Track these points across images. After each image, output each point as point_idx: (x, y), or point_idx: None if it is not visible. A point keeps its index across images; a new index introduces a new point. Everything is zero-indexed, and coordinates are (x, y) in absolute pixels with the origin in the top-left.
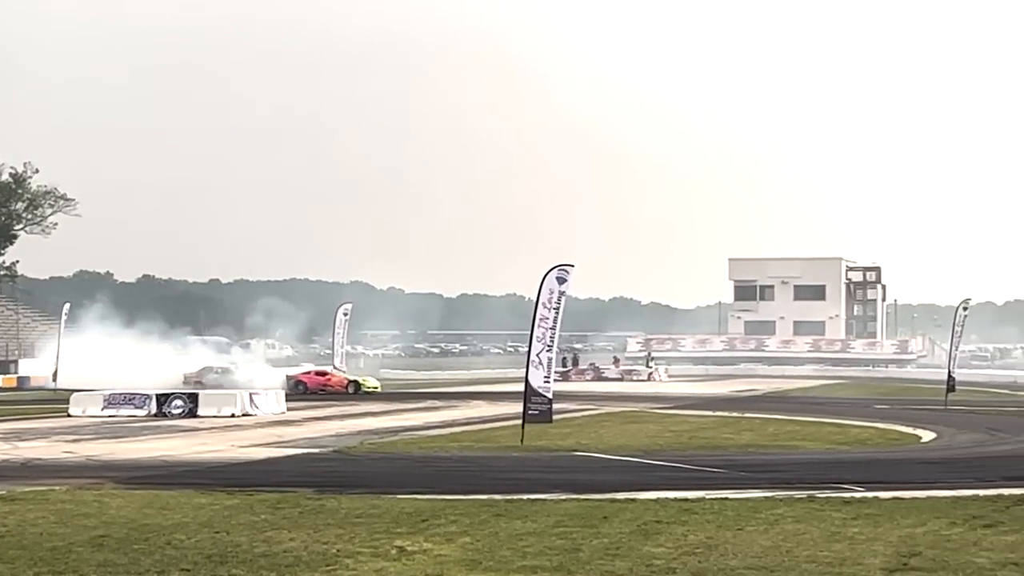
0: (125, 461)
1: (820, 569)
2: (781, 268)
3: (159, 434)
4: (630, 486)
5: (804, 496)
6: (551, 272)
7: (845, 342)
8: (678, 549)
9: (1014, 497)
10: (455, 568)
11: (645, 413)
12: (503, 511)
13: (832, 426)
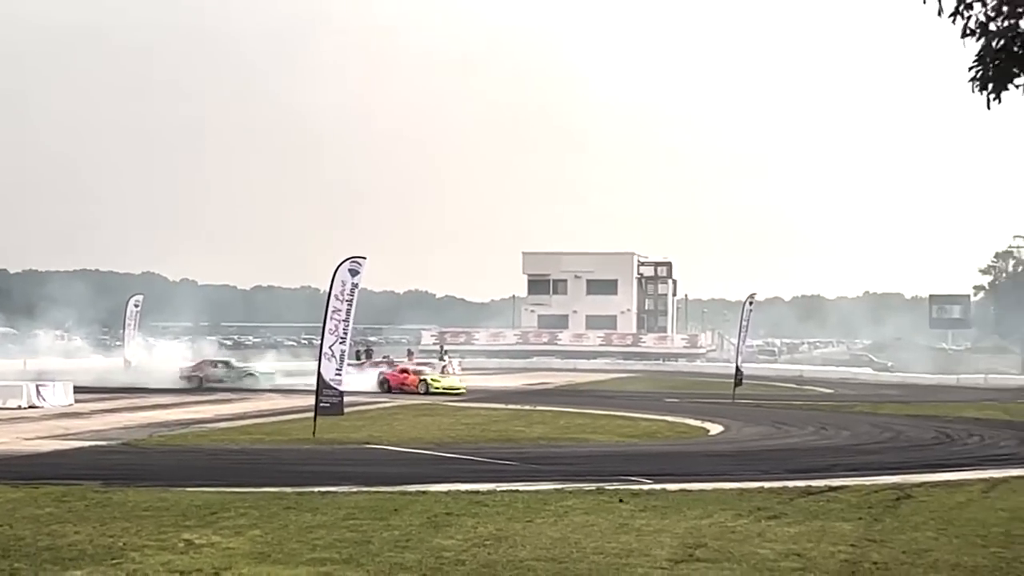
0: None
1: (608, 560)
2: (574, 262)
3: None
4: (421, 478)
5: (593, 488)
6: (343, 264)
7: (636, 336)
8: (468, 541)
9: (798, 489)
10: (243, 561)
11: (437, 406)
12: (293, 504)
13: (622, 419)
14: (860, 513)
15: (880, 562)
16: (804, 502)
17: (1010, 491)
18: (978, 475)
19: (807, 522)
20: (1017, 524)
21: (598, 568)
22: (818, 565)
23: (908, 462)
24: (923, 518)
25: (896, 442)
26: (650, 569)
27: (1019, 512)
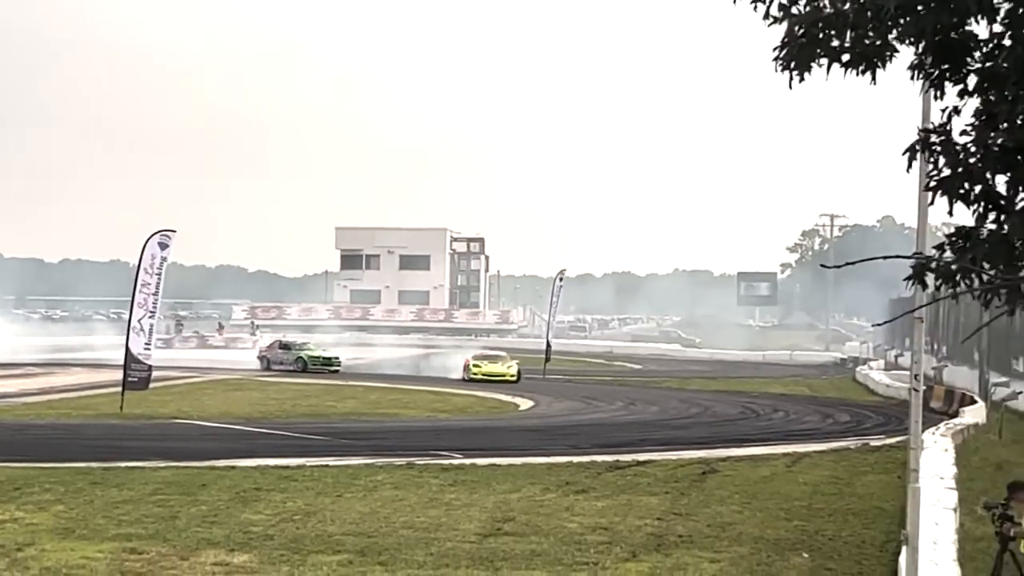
0: None
1: (417, 535)
2: (387, 238)
3: None
4: (231, 453)
5: (403, 463)
6: (153, 238)
7: (449, 311)
8: (276, 516)
9: (606, 464)
10: (47, 537)
11: (248, 381)
12: (99, 479)
13: (433, 394)
14: (667, 487)
15: (685, 535)
16: (612, 476)
17: (812, 465)
18: (782, 449)
19: (614, 496)
20: (819, 497)
21: (407, 542)
22: (624, 538)
23: (714, 437)
24: (728, 492)
25: (703, 417)
26: (459, 543)
27: (821, 486)
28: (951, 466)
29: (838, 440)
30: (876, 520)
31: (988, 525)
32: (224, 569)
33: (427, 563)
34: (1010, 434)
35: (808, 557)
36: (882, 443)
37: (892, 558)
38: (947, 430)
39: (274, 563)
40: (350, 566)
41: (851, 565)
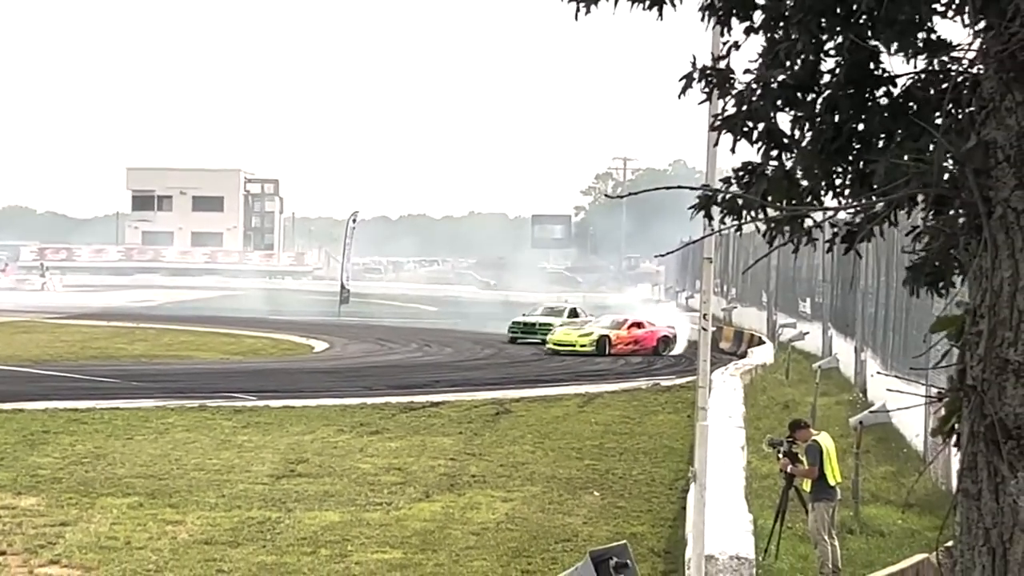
0: None
1: (208, 476)
2: (180, 178)
3: None
4: (17, 396)
5: (196, 405)
6: None
7: (243, 254)
8: (65, 459)
9: (400, 405)
10: None
11: (36, 323)
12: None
13: (227, 336)
14: (460, 428)
15: (478, 475)
16: (406, 417)
17: (604, 405)
18: (575, 390)
19: (408, 437)
20: (610, 437)
21: (198, 484)
22: (418, 479)
23: (508, 378)
24: (521, 432)
25: (497, 359)
26: (251, 485)
27: (612, 426)
28: (739, 405)
29: (630, 380)
30: (666, 459)
31: (774, 463)
32: (10, 512)
33: (219, 505)
34: (796, 374)
35: (599, 496)
36: (672, 383)
37: (681, 496)
38: (736, 370)
39: (62, 506)
40: (140, 508)
41: (641, 503)
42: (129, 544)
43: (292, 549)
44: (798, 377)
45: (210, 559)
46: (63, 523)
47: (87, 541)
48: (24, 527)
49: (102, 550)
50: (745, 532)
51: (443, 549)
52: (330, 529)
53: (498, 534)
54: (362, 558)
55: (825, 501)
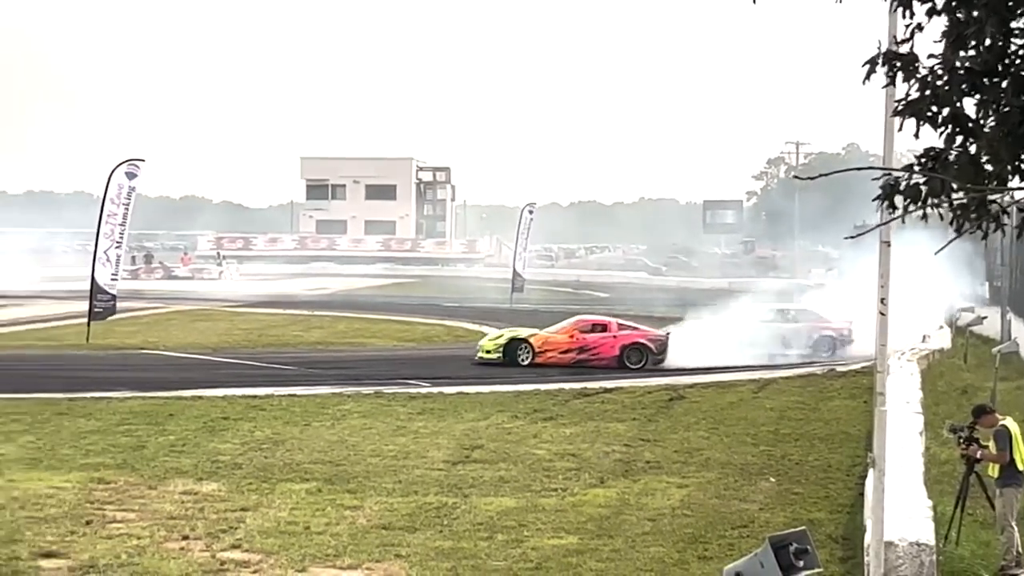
0: None
1: (385, 462)
2: (353, 167)
3: None
4: (197, 384)
5: (371, 392)
6: (120, 167)
7: (415, 241)
8: (244, 445)
9: (573, 391)
10: (15, 467)
11: (214, 311)
12: (66, 409)
13: (400, 324)
14: (634, 414)
15: (653, 461)
16: (579, 404)
17: (779, 391)
18: (748, 376)
19: (582, 423)
20: (785, 423)
21: (375, 470)
22: (592, 465)
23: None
24: (695, 418)
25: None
26: (427, 470)
27: (787, 411)
28: (917, 390)
29: (805, 366)
30: (842, 445)
31: (954, 448)
32: (193, 498)
33: (396, 490)
34: (975, 359)
35: (775, 481)
36: (848, 368)
37: (859, 482)
38: (913, 355)
39: (242, 491)
40: (319, 494)
41: (817, 489)
42: (308, 529)
43: (468, 534)
44: (976, 362)
45: (388, 544)
46: (243, 508)
47: (267, 526)
48: (206, 512)
49: (282, 535)
50: (925, 518)
51: (619, 535)
52: (506, 514)
53: (674, 520)
54: (538, 543)
55: (1014, 486)
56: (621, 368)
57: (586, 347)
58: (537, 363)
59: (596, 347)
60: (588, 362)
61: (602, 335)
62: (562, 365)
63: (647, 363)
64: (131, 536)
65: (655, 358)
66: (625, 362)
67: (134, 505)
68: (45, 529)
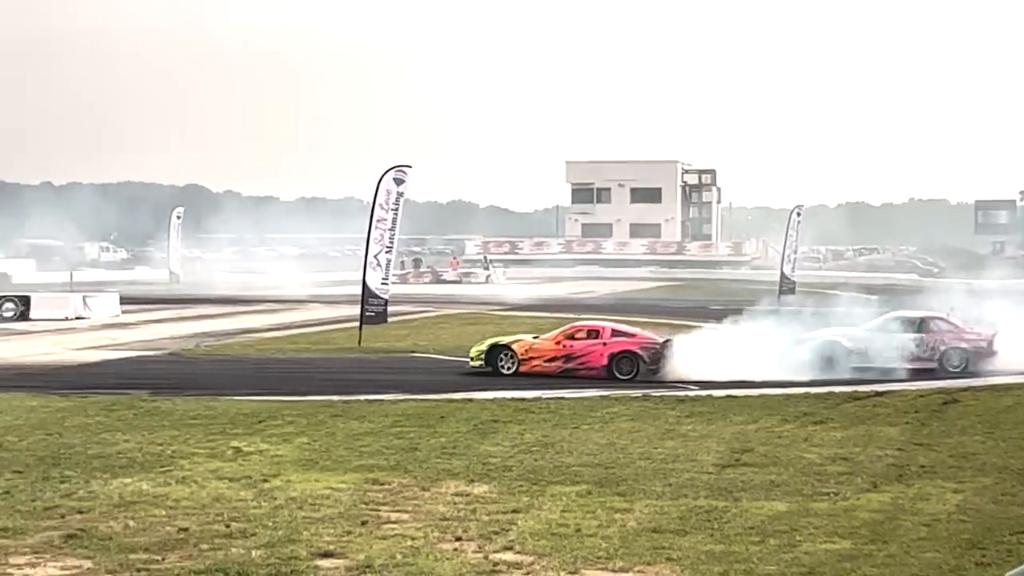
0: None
1: (654, 466)
2: (618, 171)
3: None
4: (467, 386)
5: (639, 395)
6: (388, 173)
7: (681, 244)
8: (514, 448)
9: (844, 395)
10: (292, 468)
11: (483, 315)
12: (340, 411)
13: (667, 327)
14: (906, 418)
15: (927, 465)
16: (850, 407)
17: None
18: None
19: (853, 427)
20: None
21: (644, 473)
22: (865, 469)
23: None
24: (970, 422)
25: None
26: (696, 474)
27: None
28: None
29: None
30: None
31: None
32: (465, 499)
33: (665, 493)
34: None
35: None
36: None
37: None
38: None
39: (513, 493)
40: (589, 496)
41: None
42: (579, 531)
43: (739, 538)
44: None
45: (658, 547)
46: (515, 510)
47: (538, 528)
48: (478, 514)
49: (553, 537)
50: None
51: (893, 540)
52: (777, 519)
53: (950, 525)
54: (811, 548)
55: None
56: (611, 378)
57: (573, 355)
58: (521, 372)
59: (584, 355)
60: (575, 371)
61: (591, 342)
62: (547, 374)
63: (638, 373)
64: (405, 537)
65: (648, 368)
66: (615, 372)
67: (408, 506)
68: (322, 529)
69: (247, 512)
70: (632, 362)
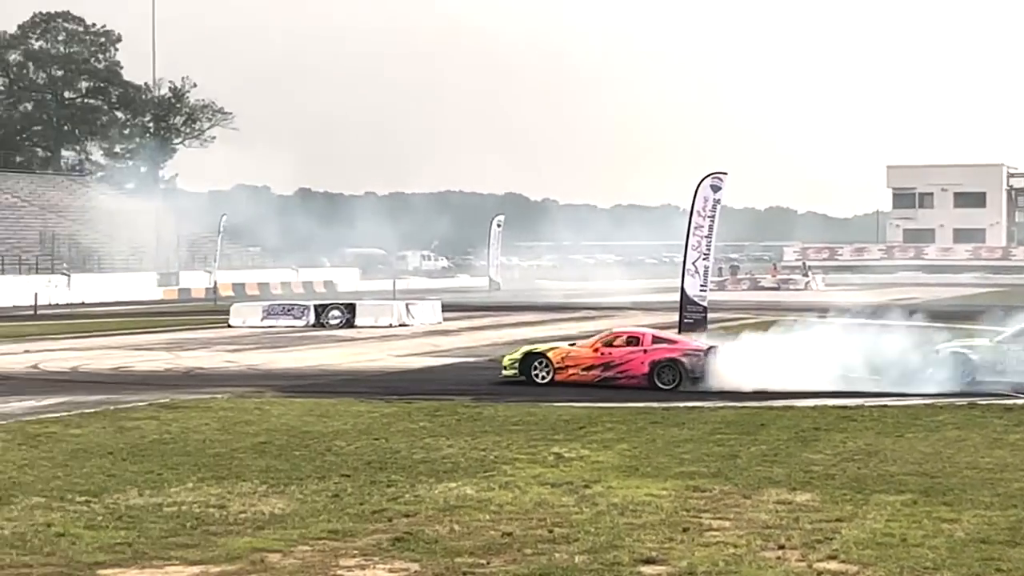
0: (285, 370)
1: (981, 476)
2: (941, 175)
3: (317, 344)
4: (788, 394)
5: (965, 403)
6: (705, 180)
7: (1006, 249)
8: (837, 456)
9: None
10: (612, 474)
11: (803, 321)
12: (660, 418)
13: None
14: None
15: None
16: None
17: None
18: None
19: None
20: None
21: (971, 483)
22: None
23: None
24: None
25: None
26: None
27: None
28: None
29: None
30: None
31: None
32: (787, 507)
33: (994, 504)
34: None
35: None
36: None
37: None
38: None
39: (836, 502)
40: (914, 506)
41: None
42: (905, 541)
43: None
44: None
45: (988, 558)
46: (838, 519)
47: (863, 537)
48: (800, 522)
49: (878, 547)
50: None
51: None
52: None
53: None
54: None
55: None
56: (652, 388)
57: (612, 363)
58: (557, 381)
59: (623, 363)
60: (615, 380)
61: (631, 350)
62: (585, 383)
63: (682, 382)
64: (727, 544)
65: (692, 377)
66: (656, 381)
67: (729, 514)
68: (644, 536)
69: (569, 517)
70: (674, 371)
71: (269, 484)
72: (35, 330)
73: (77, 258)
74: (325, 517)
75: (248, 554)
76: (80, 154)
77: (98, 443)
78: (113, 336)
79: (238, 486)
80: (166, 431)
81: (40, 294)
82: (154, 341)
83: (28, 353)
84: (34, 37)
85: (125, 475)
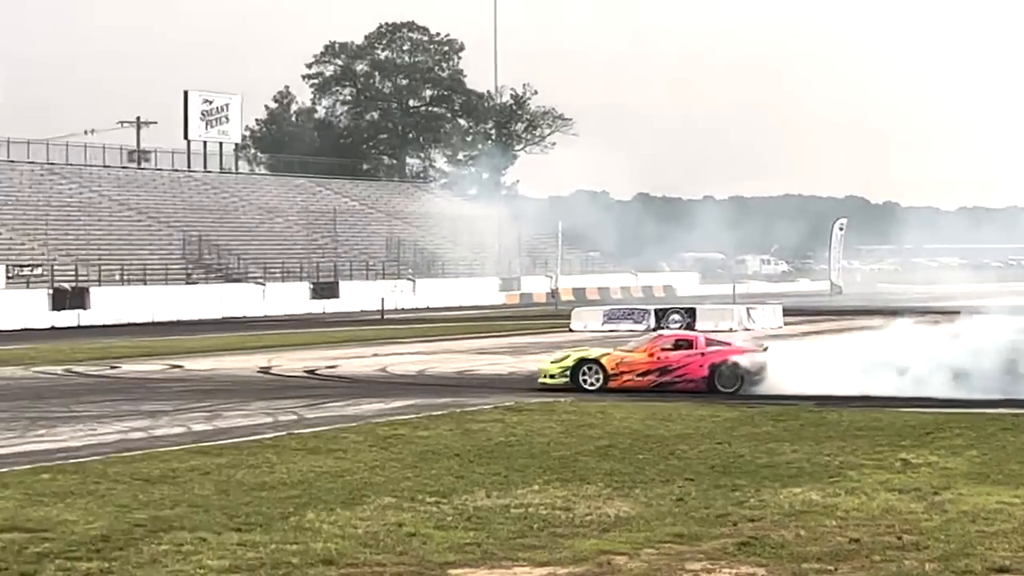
0: None
1: None
2: None
3: None
4: None
5: None
6: None
7: None
8: None
9: None
10: (962, 481)
11: None
12: (1010, 425)
13: None
14: None
15: None
16: None
17: None
18: None
19: None
20: None
21: None
22: None
23: None
24: None
25: None
26: None
27: None
28: None
29: None
30: None
31: None
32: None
33: None
34: None
35: None
36: None
37: None
38: None
39: None
40: None
41: None
42: None
43: None
44: None
45: None
46: None
47: None
48: None
49: None
50: None
51: None
52: None
53: None
54: None
55: None
56: (711, 391)
57: (669, 367)
58: (611, 387)
59: (681, 367)
60: (672, 385)
61: (687, 352)
62: (640, 389)
63: (743, 385)
64: None
65: (752, 379)
66: (716, 384)
67: None
68: (996, 544)
69: (918, 524)
70: (735, 373)
71: (614, 487)
72: (383, 334)
73: (421, 263)
74: (670, 520)
75: (595, 556)
76: (424, 161)
77: (446, 445)
78: (457, 340)
79: (583, 488)
80: (511, 433)
81: (386, 299)
82: (497, 345)
83: (376, 357)
84: (380, 47)
85: (473, 476)
